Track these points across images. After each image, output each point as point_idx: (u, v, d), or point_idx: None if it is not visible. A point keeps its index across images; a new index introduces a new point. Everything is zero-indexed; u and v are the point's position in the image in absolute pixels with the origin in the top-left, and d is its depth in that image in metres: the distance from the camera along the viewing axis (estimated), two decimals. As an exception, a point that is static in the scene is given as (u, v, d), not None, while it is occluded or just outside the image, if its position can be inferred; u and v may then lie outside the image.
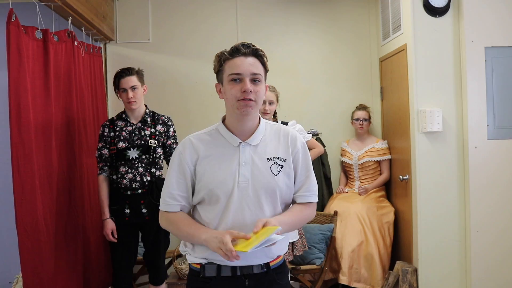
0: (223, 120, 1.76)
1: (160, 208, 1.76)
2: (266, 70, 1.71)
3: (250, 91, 1.62)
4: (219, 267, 1.67)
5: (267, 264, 1.70)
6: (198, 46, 4.27)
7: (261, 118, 1.77)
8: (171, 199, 1.71)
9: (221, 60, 1.68)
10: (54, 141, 2.85)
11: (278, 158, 1.71)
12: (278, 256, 1.76)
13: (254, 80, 1.64)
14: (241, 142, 1.69)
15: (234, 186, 1.64)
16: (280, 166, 1.70)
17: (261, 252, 1.63)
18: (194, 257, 1.71)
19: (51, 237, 2.74)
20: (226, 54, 1.66)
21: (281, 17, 4.34)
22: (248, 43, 1.66)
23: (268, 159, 1.70)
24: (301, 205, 1.76)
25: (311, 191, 1.77)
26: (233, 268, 1.66)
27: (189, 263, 1.77)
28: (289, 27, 4.35)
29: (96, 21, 3.63)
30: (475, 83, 3.32)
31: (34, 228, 2.56)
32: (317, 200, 1.81)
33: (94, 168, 3.22)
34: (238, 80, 1.63)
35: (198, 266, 1.69)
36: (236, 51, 1.65)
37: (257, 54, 1.66)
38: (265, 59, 1.69)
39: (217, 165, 1.67)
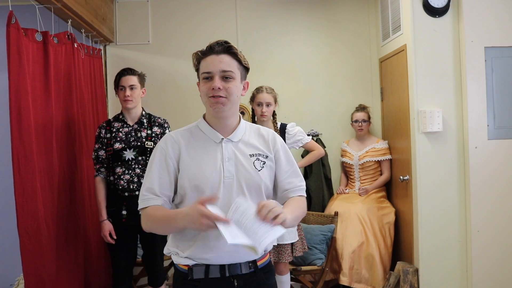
0: (204, 118, 1.76)
1: (140, 207, 1.67)
2: (244, 67, 1.71)
3: (219, 88, 1.62)
4: (207, 268, 1.64)
5: (255, 264, 1.70)
6: (198, 47, 4.17)
7: (241, 118, 1.79)
8: (151, 194, 1.65)
9: (196, 59, 1.71)
10: (55, 142, 2.85)
11: (260, 154, 1.72)
12: (265, 255, 1.75)
13: (226, 78, 1.64)
14: (223, 138, 1.70)
15: (220, 182, 1.64)
16: (263, 162, 1.71)
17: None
18: (182, 257, 1.67)
19: (53, 238, 2.74)
20: (200, 53, 1.69)
21: (281, 18, 4.35)
22: (223, 41, 1.67)
23: (251, 155, 1.71)
24: (298, 197, 1.76)
25: (300, 187, 1.78)
26: (222, 269, 1.64)
27: (175, 265, 1.73)
28: (289, 28, 4.36)
29: (96, 23, 3.63)
30: (475, 83, 3.33)
31: (36, 230, 2.56)
32: (305, 195, 1.80)
33: (94, 170, 3.23)
34: (209, 78, 1.65)
35: (186, 268, 1.67)
36: (210, 50, 1.67)
37: (230, 51, 1.66)
38: (240, 55, 1.68)
39: (200, 160, 1.66)
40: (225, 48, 1.66)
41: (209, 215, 1.43)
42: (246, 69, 1.73)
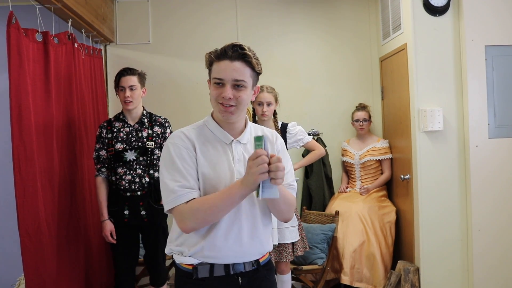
0: (212, 116, 1.75)
1: (171, 206, 1.59)
2: (257, 73, 1.69)
3: (230, 97, 1.60)
4: (211, 267, 1.64)
5: (257, 261, 1.72)
6: (198, 47, 4.27)
7: (247, 120, 1.78)
8: (186, 188, 1.58)
9: (209, 61, 1.68)
10: (55, 143, 2.85)
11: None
12: (266, 253, 1.77)
13: (237, 86, 1.62)
14: (233, 140, 1.70)
15: (232, 183, 1.63)
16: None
17: (254, 248, 1.67)
18: (186, 257, 1.66)
19: (53, 239, 2.74)
20: (213, 56, 1.65)
21: (281, 17, 4.35)
22: (238, 46, 1.63)
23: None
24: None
25: (292, 185, 1.78)
26: (226, 267, 1.65)
27: (177, 264, 1.71)
28: (289, 26, 4.35)
29: (96, 23, 3.63)
30: (476, 82, 3.32)
31: (36, 230, 2.56)
32: (294, 197, 1.80)
33: (95, 170, 3.23)
34: (220, 84, 1.62)
35: (190, 267, 1.66)
36: (223, 54, 1.63)
37: (245, 58, 1.63)
38: (254, 62, 1.65)
39: (214, 160, 1.65)
40: (240, 54, 1.62)
41: (264, 160, 1.46)
42: (258, 74, 1.71)
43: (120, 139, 3.08)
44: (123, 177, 3.04)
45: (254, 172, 1.46)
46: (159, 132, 3.14)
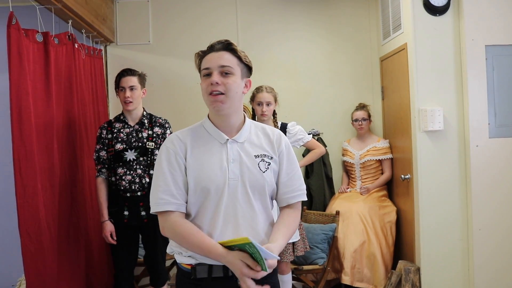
0: (209, 117, 1.75)
1: (155, 210, 1.65)
2: (245, 65, 1.71)
3: (217, 82, 1.62)
4: (210, 267, 1.64)
5: None
6: (198, 47, 4.15)
7: (246, 117, 1.78)
8: (170, 197, 1.62)
9: (198, 59, 1.72)
10: (56, 143, 2.85)
11: (265, 155, 1.71)
12: None
13: (225, 73, 1.65)
14: (228, 139, 1.69)
15: (225, 183, 1.63)
16: (268, 163, 1.70)
17: None
18: (185, 257, 1.67)
19: (54, 239, 2.74)
20: (201, 53, 1.71)
21: (282, 16, 4.34)
22: (224, 40, 1.69)
23: (256, 156, 1.70)
24: (291, 210, 1.77)
25: (300, 190, 1.78)
26: (225, 268, 1.64)
27: (178, 264, 1.73)
28: (290, 25, 4.35)
29: (96, 23, 3.64)
30: (476, 81, 3.32)
31: (37, 230, 2.56)
32: (306, 199, 1.81)
33: (95, 170, 3.23)
34: (208, 74, 1.66)
35: (189, 267, 1.67)
36: (210, 49, 1.69)
37: (229, 48, 1.68)
38: (240, 52, 1.69)
39: (206, 161, 1.65)
40: (225, 45, 1.68)
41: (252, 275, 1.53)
42: (248, 67, 1.73)
43: (120, 139, 3.08)
44: (123, 177, 3.04)
45: (237, 272, 1.54)
46: (159, 133, 3.14)
